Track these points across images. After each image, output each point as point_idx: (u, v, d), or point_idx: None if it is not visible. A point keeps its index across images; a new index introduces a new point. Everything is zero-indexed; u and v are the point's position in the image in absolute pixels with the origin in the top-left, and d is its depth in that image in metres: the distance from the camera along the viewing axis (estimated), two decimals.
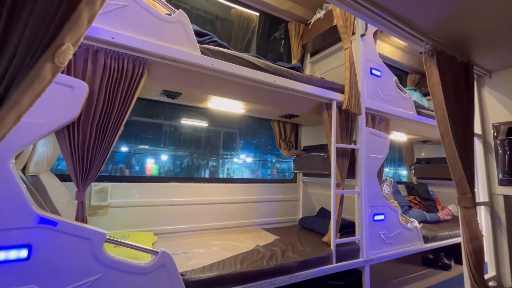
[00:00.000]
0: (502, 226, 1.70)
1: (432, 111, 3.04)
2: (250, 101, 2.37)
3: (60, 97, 1.28)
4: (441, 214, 3.71)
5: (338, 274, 2.26)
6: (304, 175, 3.41)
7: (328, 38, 3.00)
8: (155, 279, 1.39)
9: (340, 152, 2.36)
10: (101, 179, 2.25)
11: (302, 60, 3.46)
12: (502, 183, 1.68)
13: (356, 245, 2.33)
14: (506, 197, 1.68)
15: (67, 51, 0.57)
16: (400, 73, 4.58)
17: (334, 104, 2.35)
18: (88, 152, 1.40)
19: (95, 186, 2.15)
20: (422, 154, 4.80)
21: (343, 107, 2.35)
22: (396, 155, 5.00)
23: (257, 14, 3.19)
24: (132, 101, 1.53)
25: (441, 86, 1.39)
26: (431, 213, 3.68)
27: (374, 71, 2.68)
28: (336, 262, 2.16)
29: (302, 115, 2.81)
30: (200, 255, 1.95)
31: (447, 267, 3.26)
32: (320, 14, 3.02)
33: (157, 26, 1.63)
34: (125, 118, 1.51)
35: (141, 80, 1.57)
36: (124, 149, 2.65)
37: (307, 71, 3.47)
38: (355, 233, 2.40)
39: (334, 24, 2.67)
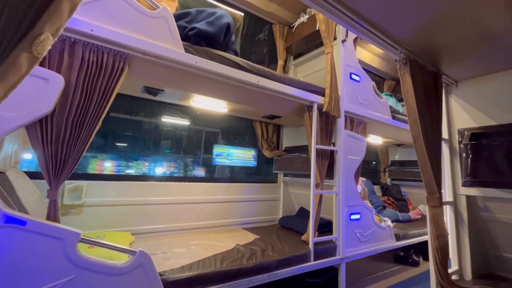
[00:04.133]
0: (464, 224, 1.84)
1: (406, 116, 3.22)
2: (234, 101, 2.38)
3: (33, 89, 1.22)
4: (412, 214, 3.92)
5: (316, 272, 2.33)
6: (285, 175, 3.46)
7: (311, 42, 3.08)
8: (132, 279, 1.35)
9: (320, 153, 2.43)
10: (76, 177, 2.15)
11: (285, 62, 3.51)
12: (465, 184, 1.82)
13: (333, 244, 2.41)
14: (468, 197, 1.82)
15: (46, 41, 0.56)
16: (378, 79, 4.79)
17: (315, 107, 2.42)
18: (63, 148, 1.34)
19: (69, 184, 2.05)
20: (396, 157, 5.05)
21: (323, 110, 2.42)
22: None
23: (242, 14, 3.20)
24: (111, 97, 1.49)
25: (413, 93, 1.48)
26: (403, 213, 3.88)
27: (353, 76, 2.79)
28: (314, 260, 2.22)
29: (284, 116, 2.86)
30: (179, 254, 1.93)
31: (416, 264, 3.46)
32: (304, 18, 3.09)
33: (139, 20, 1.59)
34: (103, 113, 1.46)
35: (122, 75, 1.52)
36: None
37: (290, 73, 3.53)
38: (332, 231, 2.48)
39: (317, 28, 2.75)
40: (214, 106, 2.55)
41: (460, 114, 1.89)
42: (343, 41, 2.69)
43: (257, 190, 3.25)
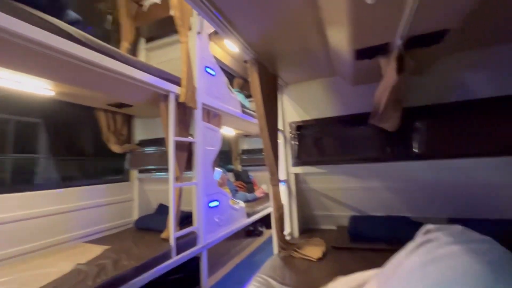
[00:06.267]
0: (293, 195, 2.40)
1: (252, 111, 3.75)
2: (63, 81, 1.83)
3: None
4: (258, 193, 4.67)
5: (179, 267, 2.28)
6: (140, 171, 3.12)
7: (165, 27, 2.89)
8: None
9: (178, 146, 2.36)
10: None
11: (135, 44, 3.10)
12: (293, 165, 2.38)
13: (195, 234, 2.44)
14: (296, 175, 2.39)
15: None
16: (229, 76, 5.24)
17: (172, 97, 2.30)
18: None
19: None
20: (245, 146, 5.81)
21: (180, 100, 2.35)
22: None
23: None
24: None
25: (260, 90, 1.73)
26: (251, 194, 4.55)
27: (208, 70, 2.88)
28: (177, 255, 2.16)
29: (136, 105, 2.53)
30: None
31: (260, 234, 4.19)
32: None
33: None
34: None
35: None
36: None
37: (142, 57, 3.17)
38: (193, 222, 2.51)
39: (171, 14, 2.60)
40: (30, 86, 1.85)
41: (290, 110, 2.42)
42: (199, 33, 2.70)
43: (103, 192, 2.73)
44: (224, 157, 5.65)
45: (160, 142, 2.88)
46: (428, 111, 1.89)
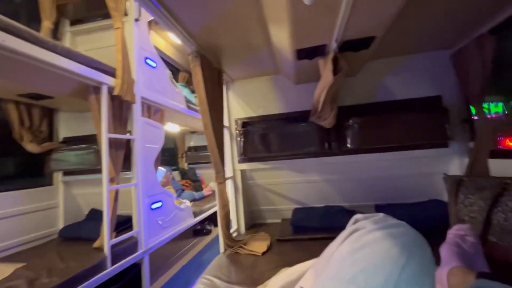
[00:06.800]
0: (240, 192, 2.41)
1: (198, 106, 3.61)
2: None
3: None
4: (205, 191, 4.57)
5: (118, 275, 2.07)
6: (66, 173, 2.72)
7: (94, 9, 2.55)
8: None
9: (113, 144, 2.12)
10: None
11: (57, 25, 2.66)
12: (239, 161, 2.38)
13: (135, 239, 2.25)
14: (242, 171, 2.40)
15: None
16: (173, 69, 4.94)
17: (105, 89, 2.05)
18: None
19: None
20: (192, 143, 5.60)
21: (115, 93, 2.11)
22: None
23: None
24: None
25: (203, 85, 1.66)
26: (198, 192, 4.42)
27: (148, 61, 2.66)
28: (113, 265, 1.96)
29: (58, 97, 2.19)
30: None
31: (209, 232, 4.11)
32: None
33: None
34: None
35: None
36: None
37: (67, 42, 2.75)
38: (133, 226, 2.31)
39: None
40: None
41: (236, 106, 2.41)
42: (136, 20, 2.46)
43: (16, 200, 2.30)
44: (170, 155, 5.36)
45: (92, 139, 2.55)
46: (358, 110, 2.10)
